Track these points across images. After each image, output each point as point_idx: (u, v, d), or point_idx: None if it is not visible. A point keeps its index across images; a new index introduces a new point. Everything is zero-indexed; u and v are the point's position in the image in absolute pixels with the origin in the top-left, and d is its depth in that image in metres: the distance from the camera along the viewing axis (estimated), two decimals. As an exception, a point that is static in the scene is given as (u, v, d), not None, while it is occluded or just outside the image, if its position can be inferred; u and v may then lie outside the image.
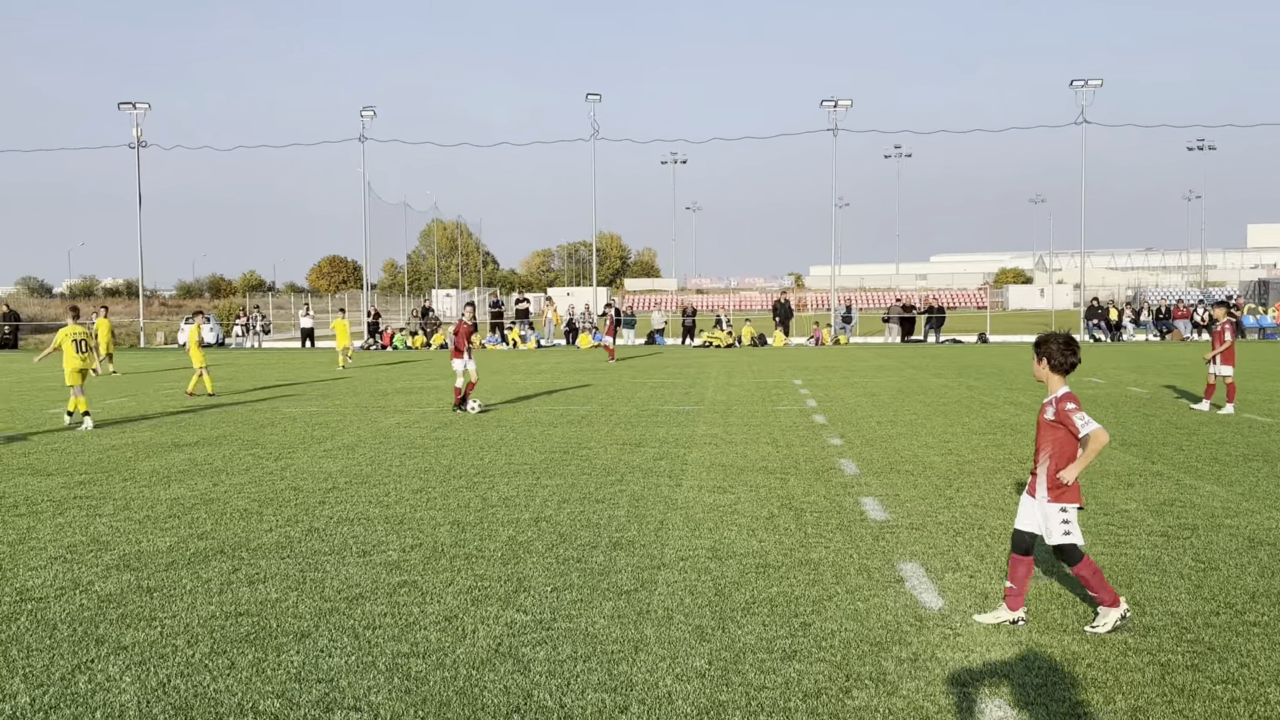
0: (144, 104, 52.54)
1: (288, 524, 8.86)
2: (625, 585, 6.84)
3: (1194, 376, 23.78)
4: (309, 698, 5.02)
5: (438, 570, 7.28)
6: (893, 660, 5.44)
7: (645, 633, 5.90)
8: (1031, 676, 5.19)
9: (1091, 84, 49.00)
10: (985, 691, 5.02)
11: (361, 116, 52.16)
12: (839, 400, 19.28)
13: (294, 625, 6.11)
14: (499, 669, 5.37)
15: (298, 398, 21.01)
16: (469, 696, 5.02)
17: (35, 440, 14.49)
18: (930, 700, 4.92)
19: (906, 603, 6.43)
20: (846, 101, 50.47)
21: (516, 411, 17.79)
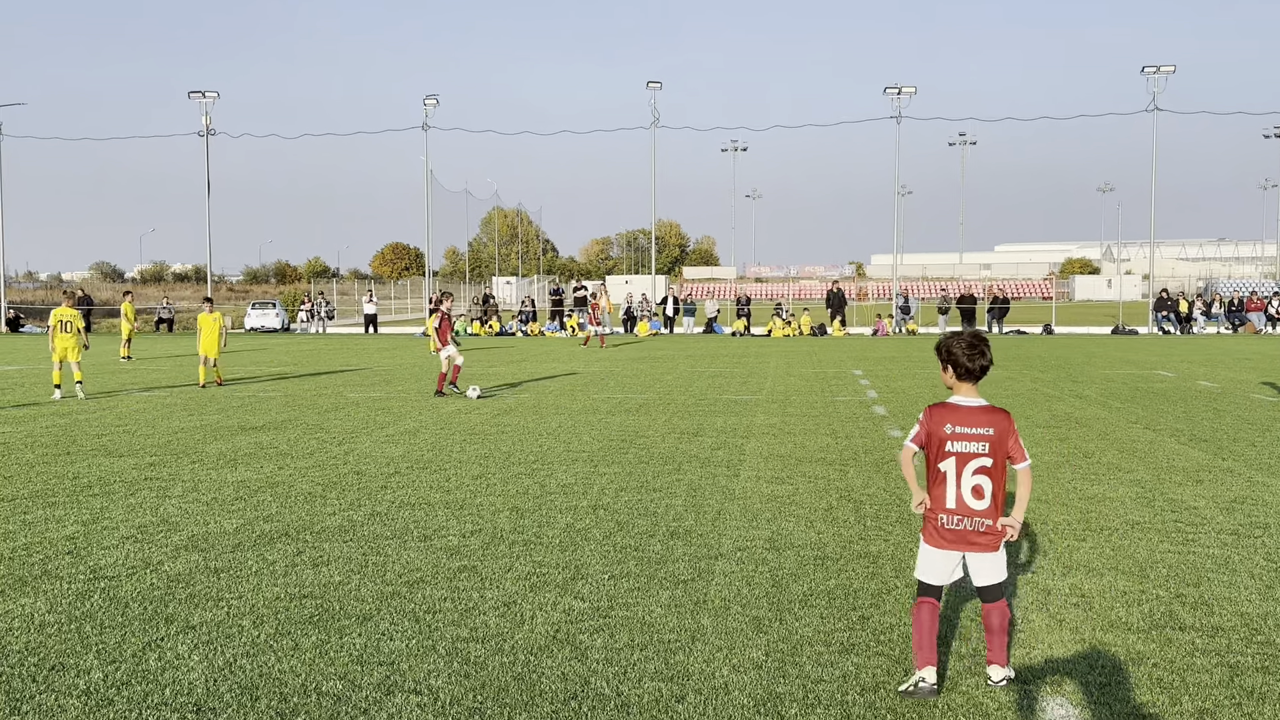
0: (213, 93, 53.57)
1: (350, 508, 9.01)
2: (682, 575, 6.86)
3: (1268, 370, 23.14)
4: (370, 680, 5.11)
5: (497, 556, 7.36)
6: (953, 656, 5.39)
7: (702, 623, 5.91)
8: (1095, 675, 5.11)
9: (1164, 70, 47.78)
10: (1047, 690, 4.95)
11: (425, 104, 52.67)
12: (900, 391, 19.08)
13: (356, 608, 6.22)
14: (556, 655, 5.41)
15: (361, 383, 21.33)
16: (527, 682, 5.07)
17: (108, 423, 14.89)
18: (990, 698, 4.86)
19: (966, 597, 6.36)
20: (910, 88, 49.78)
21: (574, 399, 17.88)
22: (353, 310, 64.72)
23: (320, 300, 55.53)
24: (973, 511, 4.85)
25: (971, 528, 4.86)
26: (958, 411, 4.89)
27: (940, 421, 4.88)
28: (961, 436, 4.84)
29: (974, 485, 4.84)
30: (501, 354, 32.05)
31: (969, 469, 4.83)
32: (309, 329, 52.10)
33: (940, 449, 4.88)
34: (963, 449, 4.84)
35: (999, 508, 4.87)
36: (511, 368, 25.75)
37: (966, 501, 4.85)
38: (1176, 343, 37.39)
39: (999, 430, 4.84)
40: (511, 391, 19.38)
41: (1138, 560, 7.17)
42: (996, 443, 4.83)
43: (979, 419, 4.86)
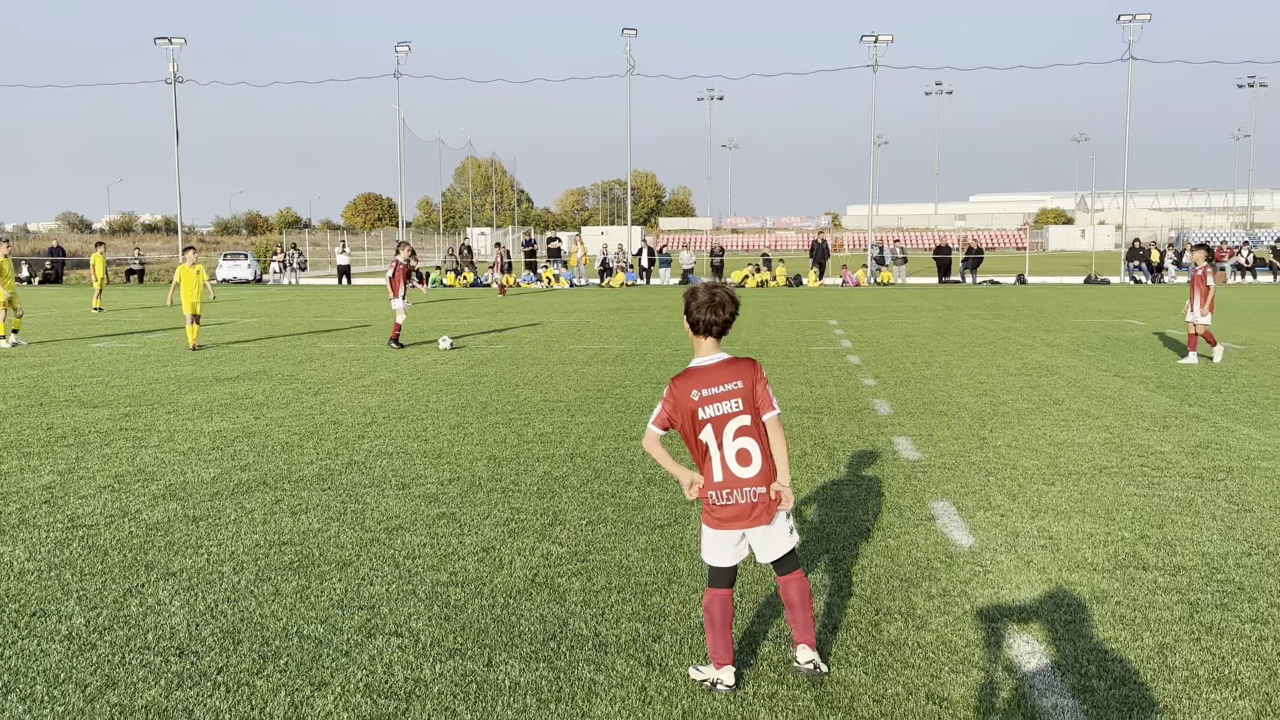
0: (180, 39, 52.53)
1: (328, 457, 9.04)
2: (659, 520, 6.95)
3: (1235, 319, 23.45)
4: (351, 624, 5.18)
5: (475, 503, 7.43)
6: (923, 596, 5.52)
7: (678, 565, 6.01)
8: (1060, 614, 5.25)
9: (1139, 19, 47.68)
10: (1014, 628, 5.09)
11: (396, 52, 51.94)
12: (874, 341, 19.22)
13: (336, 554, 6.28)
14: (535, 598, 5.50)
15: (335, 334, 21.25)
16: (506, 624, 5.16)
17: (80, 374, 14.79)
18: (959, 635, 4.99)
19: (937, 540, 6.49)
20: (887, 37, 49.50)
21: (550, 350, 17.91)
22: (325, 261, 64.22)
23: (293, 251, 55.04)
24: (741, 481, 4.40)
25: (744, 500, 4.40)
26: (701, 373, 4.43)
27: (685, 391, 4.40)
28: (711, 399, 4.38)
29: (738, 450, 4.39)
30: (481, 305, 31.96)
31: (729, 433, 4.39)
32: (281, 280, 51.68)
33: (694, 420, 4.40)
34: (716, 411, 4.38)
35: (771, 472, 4.44)
36: (487, 319, 25.70)
37: (734, 472, 4.39)
38: (1148, 292, 37.74)
39: (747, 381, 4.41)
40: (487, 342, 19.38)
41: (1104, 503, 7.33)
42: (749, 396, 4.41)
43: (724, 374, 4.41)
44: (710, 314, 4.40)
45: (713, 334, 4.45)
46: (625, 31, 51.23)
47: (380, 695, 4.40)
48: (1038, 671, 4.58)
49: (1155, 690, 4.39)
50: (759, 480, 4.41)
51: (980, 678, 4.53)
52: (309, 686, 4.49)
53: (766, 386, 4.47)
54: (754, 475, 4.40)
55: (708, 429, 4.40)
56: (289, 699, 4.37)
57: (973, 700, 4.32)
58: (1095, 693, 4.36)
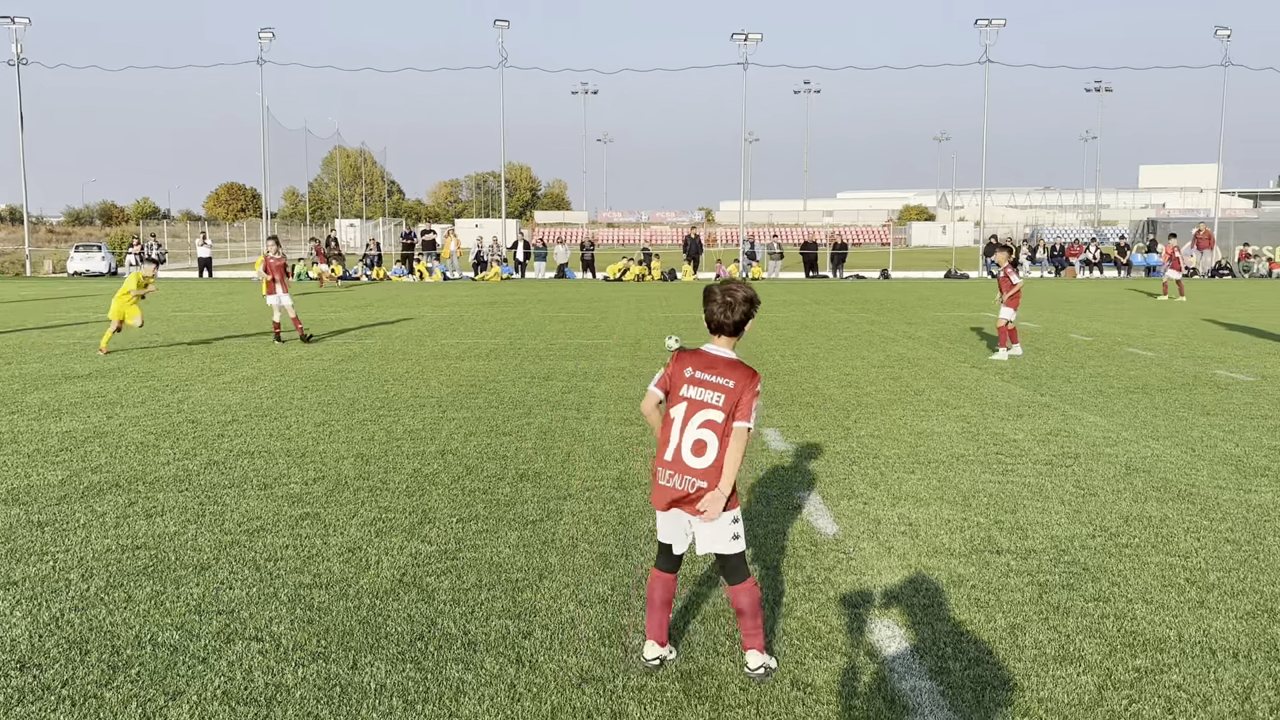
0: (24, 18, 49.67)
1: (185, 457, 8.70)
2: (531, 515, 6.92)
3: (1085, 312, 24.68)
4: (209, 629, 5.00)
5: (341, 503, 7.25)
6: (789, 583, 5.63)
7: (550, 561, 5.99)
8: (919, 598, 5.44)
9: (995, 23, 49.67)
10: (875, 612, 5.24)
11: (260, 38, 50.20)
12: (745, 334, 19.49)
13: (193, 558, 6.05)
14: (403, 598, 5.41)
15: (196, 329, 20.45)
16: (372, 625, 5.05)
17: (-87, 372, 13.86)
18: (823, 621, 5.12)
19: (803, 529, 6.64)
20: (757, 35, 50.29)
21: (422, 345, 17.62)
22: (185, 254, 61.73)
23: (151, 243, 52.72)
24: (688, 469, 4.40)
25: (682, 486, 4.40)
26: (704, 357, 4.53)
27: (684, 364, 4.52)
28: (699, 382, 4.45)
29: (696, 440, 4.40)
30: (348, 298, 31.21)
31: (696, 420, 4.41)
32: (138, 273, 49.44)
33: (675, 393, 4.50)
34: (697, 395, 4.43)
35: (718, 474, 4.39)
36: (356, 313, 25.13)
37: (684, 457, 4.40)
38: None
39: (739, 384, 4.41)
40: (356, 337, 18.95)
41: (961, 490, 7.62)
42: (733, 397, 4.39)
43: (722, 369, 4.46)
44: (722, 314, 4.52)
45: (725, 332, 4.56)
46: (498, 23, 50.73)
47: (239, 702, 4.26)
48: (898, 655, 4.73)
49: (1006, 669, 4.58)
50: (704, 475, 4.38)
51: (843, 662, 4.66)
52: (163, 696, 4.31)
53: (753, 399, 4.42)
54: (702, 468, 4.39)
55: (681, 407, 4.46)
56: (140, 710, 4.19)
57: (835, 685, 4.44)
58: (951, 673, 4.53)
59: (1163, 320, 22.39)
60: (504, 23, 50.79)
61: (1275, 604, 5.33)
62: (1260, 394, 12.02)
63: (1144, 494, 7.51)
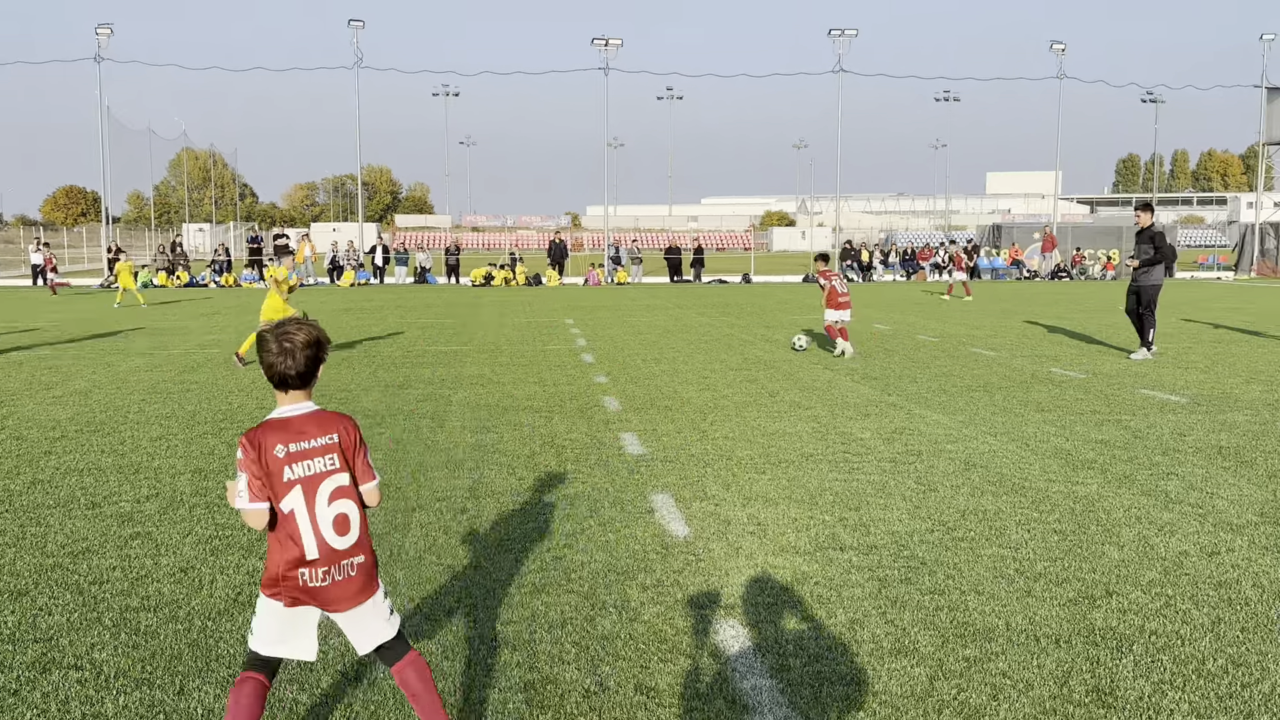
0: None
1: (7, 476, 8.17)
2: (376, 529, 6.74)
3: (934, 314, 25.65)
4: (24, 659, 4.69)
5: (175, 521, 6.93)
6: (637, 588, 5.64)
7: (395, 576, 5.85)
8: (764, 597, 5.52)
9: (848, 33, 51.24)
10: (720, 614, 5.29)
11: (97, 34, 47.80)
12: (608, 339, 19.58)
13: (10, 584, 5.68)
14: (236, 618, 5.19)
15: (26, 340, 19.31)
16: (202, 648, 4.83)
17: None
18: (670, 624, 5.14)
19: (655, 532, 6.67)
20: (617, 40, 50.61)
21: (274, 353, 17.03)
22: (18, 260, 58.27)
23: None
24: (339, 554, 3.56)
25: (341, 575, 3.57)
26: (285, 426, 3.56)
27: (264, 450, 3.50)
28: (300, 456, 3.54)
29: (336, 516, 3.57)
30: (192, 307, 30.00)
31: (323, 495, 3.55)
32: (-34, 281, 46.44)
33: (278, 484, 3.50)
34: (306, 471, 3.53)
35: (368, 541, 3.67)
36: (203, 321, 24.16)
37: (330, 542, 3.54)
38: (858, 289, 40.60)
39: (344, 438, 3.63)
40: (199, 346, 18.21)
41: (809, 489, 7.78)
42: (346, 453, 3.63)
43: (315, 429, 3.59)
44: (283, 364, 3.54)
45: (292, 386, 3.59)
46: (352, 23, 49.64)
47: (51, 738, 4.00)
48: (740, 654, 4.78)
49: (844, 663, 4.69)
50: (356, 550, 3.61)
51: (686, 665, 4.68)
52: (-35, 736, 4.02)
53: (367, 454, 3.71)
54: (351, 545, 3.59)
55: (295, 492, 3.51)
56: (-61, 752, 3.89)
57: (678, 688, 4.46)
58: (791, 670, 4.61)
59: (1005, 321, 23.45)
60: (359, 22, 49.73)
61: (1094, 590, 5.61)
62: (1090, 390, 12.70)
63: (980, 488, 7.82)
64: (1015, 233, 59.22)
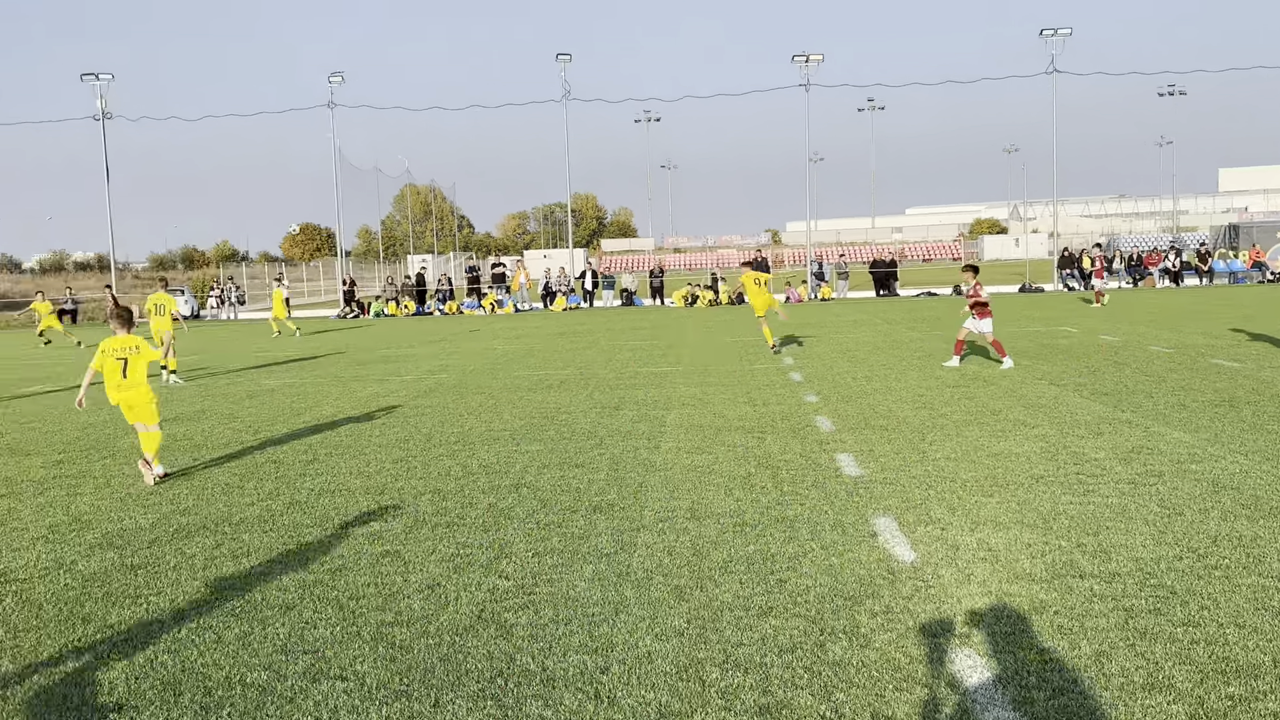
0: (107, 75, 51.68)
1: (269, 498, 8.92)
2: (605, 548, 6.96)
3: (1165, 324, 24.06)
4: (296, 669, 5.12)
5: (419, 539, 7.37)
6: (866, 614, 5.58)
7: (625, 594, 6.02)
8: (1001, 625, 5.35)
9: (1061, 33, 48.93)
10: (956, 642, 5.17)
11: (330, 82, 51.55)
12: (815, 357, 19.42)
13: (279, 598, 6.20)
14: (482, 635, 5.48)
15: (275, 369, 20.98)
16: (453, 663, 5.12)
17: (11, 419, 14.44)
18: (902, 652, 5.06)
19: (880, 557, 6.58)
20: (818, 56, 50.21)
21: (494, 377, 17.84)
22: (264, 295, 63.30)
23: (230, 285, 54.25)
24: None
25: None
26: None
27: None
28: None
29: None
30: (425, 333, 31.75)
31: None
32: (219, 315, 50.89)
33: None
34: None
35: None
36: (431, 347, 25.55)
37: None
38: (1080, 299, 38.56)
39: None
40: (430, 372, 19.25)
41: (1041, 512, 7.48)
42: None
43: None
44: None
45: None
46: (560, 57, 51.43)
47: (326, 742, 4.35)
48: (980, 685, 4.66)
49: (1093, 698, 4.48)
50: None
51: (924, 694, 4.60)
52: (253, 737, 4.42)
53: None
54: None
55: None
56: (232, 751, 4.30)
57: (917, 717, 4.39)
58: (1035, 704, 4.45)
59: (1251, 328, 21.72)
60: (566, 56, 51.46)
61: (1376, 626, 5.14)
62: (1355, 403, 11.60)
63: (1233, 512, 7.29)
64: (1255, 232, 54.82)
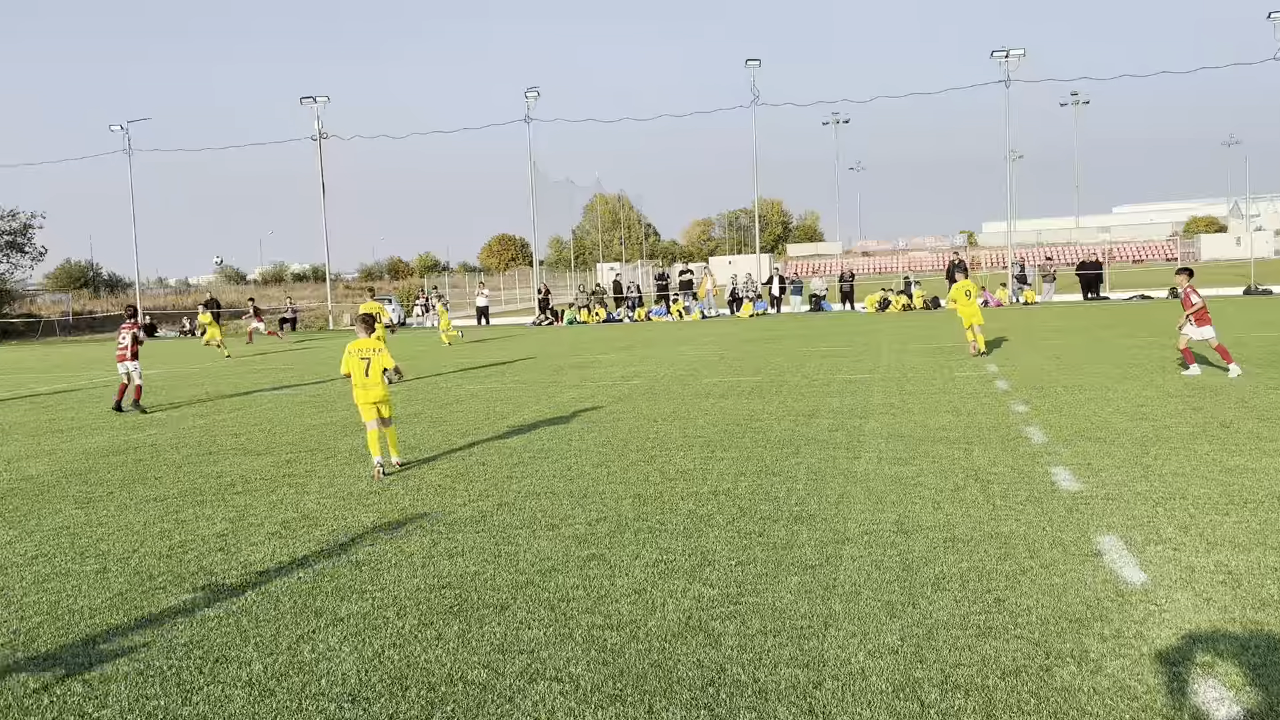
0: (324, 97, 55.14)
1: (479, 498, 9.25)
2: (810, 560, 6.86)
3: None
4: (513, 668, 5.27)
5: (624, 543, 7.47)
6: (1095, 638, 5.28)
7: (834, 608, 5.91)
8: (1248, 656, 4.95)
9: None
10: (1198, 671, 4.81)
11: (526, 98, 53.26)
12: (1021, 364, 18.61)
13: (493, 598, 6.40)
14: (690, 642, 5.49)
15: (476, 374, 21.79)
16: (664, 669, 5.15)
17: (244, 422, 15.55)
18: (1137, 679, 4.75)
19: (1106, 577, 6.21)
20: (1019, 50, 48.21)
21: (686, 384, 17.94)
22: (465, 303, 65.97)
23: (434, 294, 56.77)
24: None
25: None
26: None
27: None
28: None
29: None
30: (613, 341, 32.33)
31: None
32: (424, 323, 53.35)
33: None
34: None
35: None
36: (622, 354, 25.96)
37: None
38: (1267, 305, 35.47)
39: None
40: (622, 379, 19.54)
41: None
42: None
43: None
44: None
45: None
46: (749, 63, 51.36)
47: (545, 742, 4.45)
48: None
49: (1364, 742, 4.08)
50: None
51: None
52: (476, 733, 4.57)
53: None
54: None
55: None
56: (457, 745, 4.46)
57: (1159, 752, 4.11)
58: (1295, 745, 4.09)
59: None
60: (755, 61, 51.35)
61: None
62: None
63: None
64: None
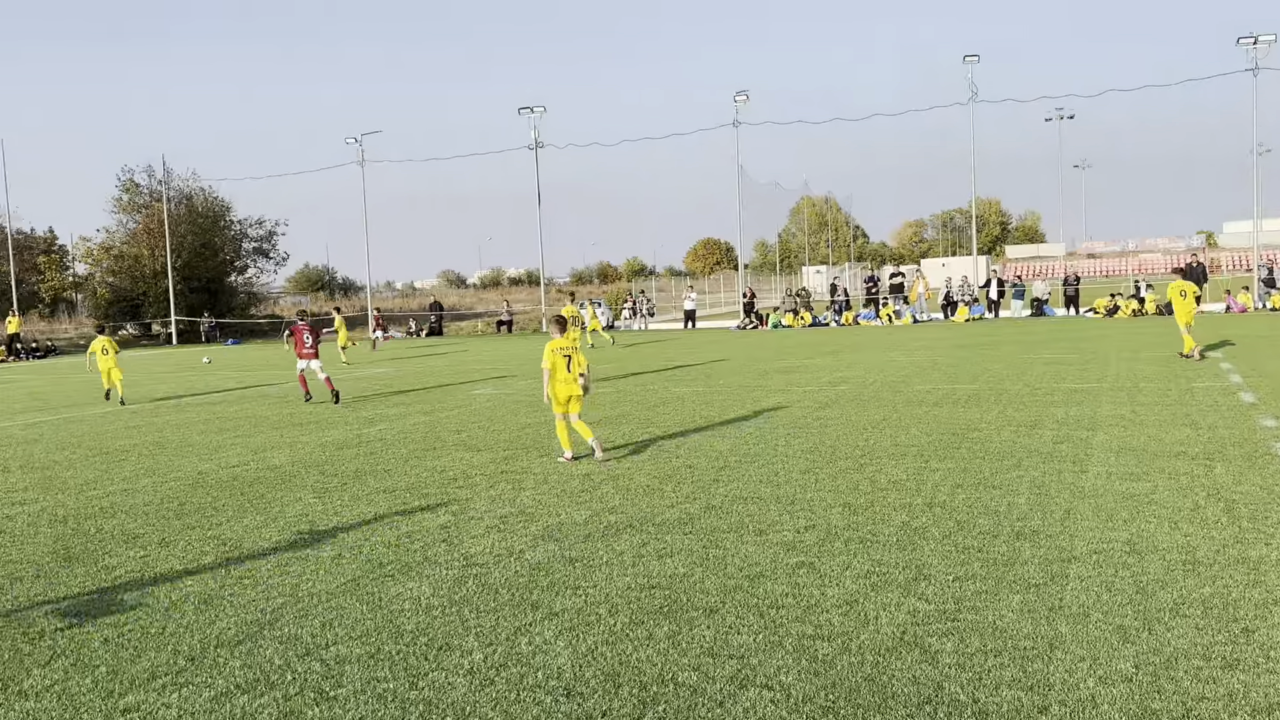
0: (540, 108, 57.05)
1: (687, 500, 9.32)
2: (1033, 578, 6.54)
3: None
4: (723, 673, 5.27)
5: (834, 553, 7.35)
6: (1362, 679, 4.79)
7: (1060, 630, 5.61)
8: None
9: None
10: None
11: (735, 101, 53.31)
12: (1271, 375, 17.12)
13: (702, 600, 6.43)
14: (905, 658, 5.34)
15: (683, 378, 21.99)
16: (878, 684, 5.03)
17: (464, 419, 16.29)
18: None
19: None
20: (1269, 36, 44.39)
21: (896, 390, 17.49)
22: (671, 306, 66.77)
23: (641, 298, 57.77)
24: None
25: None
26: None
27: None
28: None
29: None
30: (818, 345, 31.92)
31: None
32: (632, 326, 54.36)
33: None
34: None
35: None
36: (828, 359, 25.58)
37: None
38: None
39: None
40: (830, 384, 19.25)
41: None
42: None
43: None
44: None
45: None
46: (967, 59, 49.59)
47: (756, 750, 4.42)
48: None
49: None
50: None
51: None
52: (687, 735, 4.60)
53: None
54: None
55: None
56: (669, 746, 4.50)
57: None
58: None
59: None
60: (974, 57, 49.53)
61: None
62: None
63: None
64: None
